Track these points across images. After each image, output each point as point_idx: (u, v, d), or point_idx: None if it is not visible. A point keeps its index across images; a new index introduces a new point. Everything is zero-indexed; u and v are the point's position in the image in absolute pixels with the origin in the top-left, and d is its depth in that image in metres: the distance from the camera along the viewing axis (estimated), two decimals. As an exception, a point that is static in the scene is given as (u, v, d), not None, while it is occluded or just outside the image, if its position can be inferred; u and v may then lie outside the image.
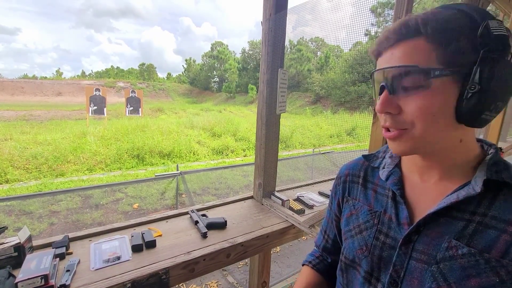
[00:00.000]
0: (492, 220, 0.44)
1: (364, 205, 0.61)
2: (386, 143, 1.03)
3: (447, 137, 0.47)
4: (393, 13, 1.02)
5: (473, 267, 0.43)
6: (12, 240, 1.03)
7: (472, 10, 0.43)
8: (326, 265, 0.75)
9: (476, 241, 0.44)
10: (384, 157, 0.63)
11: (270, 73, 1.54)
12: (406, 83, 0.45)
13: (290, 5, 1.50)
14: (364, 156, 0.67)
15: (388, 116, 0.49)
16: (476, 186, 0.45)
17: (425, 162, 0.53)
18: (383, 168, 0.61)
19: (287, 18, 1.49)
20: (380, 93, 0.49)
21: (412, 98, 0.45)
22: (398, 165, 0.59)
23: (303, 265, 0.78)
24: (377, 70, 0.49)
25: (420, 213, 0.50)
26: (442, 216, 0.48)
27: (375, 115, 1.04)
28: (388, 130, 0.50)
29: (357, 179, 0.65)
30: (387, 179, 0.58)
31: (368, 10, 1.08)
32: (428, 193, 0.52)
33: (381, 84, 0.48)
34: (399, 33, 0.46)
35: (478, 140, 0.53)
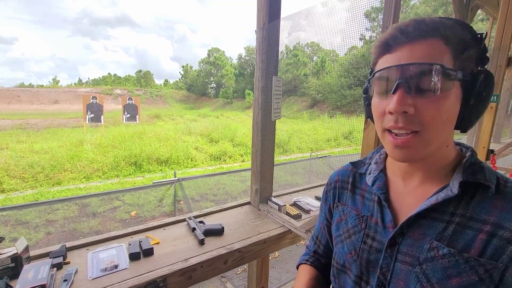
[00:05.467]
0: (469, 220, 0.46)
1: (352, 210, 0.63)
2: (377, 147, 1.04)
3: (444, 142, 0.49)
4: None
5: (453, 267, 0.44)
6: (9, 250, 1.04)
7: (467, 25, 0.46)
8: (321, 263, 0.77)
9: (455, 242, 0.45)
10: (370, 163, 0.65)
11: (265, 81, 1.56)
12: (426, 82, 0.43)
13: (284, 10, 1.53)
14: (351, 163, 0.69)
15: (401, 116, 0.45)
16: (454, 188, 0.47)
17: (410, 168, 0.54)
18: (369, 174, 0.62)
19: (283, 24, 1.52)
20: (394, 92, 0.45)
21: (430, 98, 0.43)
22: (383, 171, 0.61)
23: (299, 265, 0.79)
24: (395, 66, 0.45)
25: (404, 216, 0.52)
26: (424, 218, 0.49)
27: (366, 121, 1.06)
28: (395, 135, 0.47)
29: (346, 185, 0.67)
30: (373, 184, 0.60)
31: (362, 15, 1.10)
32: (411, 196, 0.54)
33: (398, 82, 0.44)
34: (419, 28, 0.44)
35: (457, 144, 0.55)
